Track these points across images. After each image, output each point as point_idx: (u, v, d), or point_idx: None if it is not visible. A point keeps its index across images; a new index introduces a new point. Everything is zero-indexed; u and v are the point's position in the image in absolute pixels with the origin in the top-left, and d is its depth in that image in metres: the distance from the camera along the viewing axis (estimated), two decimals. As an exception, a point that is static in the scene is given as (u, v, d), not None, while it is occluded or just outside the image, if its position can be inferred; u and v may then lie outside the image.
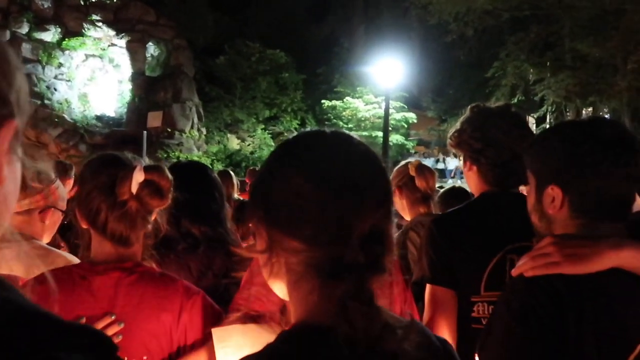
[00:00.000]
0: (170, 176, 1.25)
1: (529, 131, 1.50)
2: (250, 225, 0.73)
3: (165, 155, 11.75)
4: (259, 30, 16.33)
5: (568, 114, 13.67)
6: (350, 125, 16.03)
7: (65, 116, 11.84)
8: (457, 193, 2.84)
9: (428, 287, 1.44)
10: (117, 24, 12.95)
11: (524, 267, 0.98)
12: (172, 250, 1.63)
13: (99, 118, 12.55)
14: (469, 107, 1.57)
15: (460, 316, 1.38)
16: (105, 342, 0.45)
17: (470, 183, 1.57)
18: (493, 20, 13.29)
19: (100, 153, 1.32)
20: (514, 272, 1.01)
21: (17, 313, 0.42)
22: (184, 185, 1.71)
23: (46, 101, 11.71)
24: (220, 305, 1.49)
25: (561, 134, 1.06)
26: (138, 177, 1.19)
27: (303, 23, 17.83)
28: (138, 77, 13.15)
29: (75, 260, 1.52)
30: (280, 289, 0.73)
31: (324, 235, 0.66)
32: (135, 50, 13.16)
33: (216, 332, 1.10)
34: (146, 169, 1.21)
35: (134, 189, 1.19)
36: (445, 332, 1.34)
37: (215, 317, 1.22)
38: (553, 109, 13.18)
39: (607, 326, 0.92)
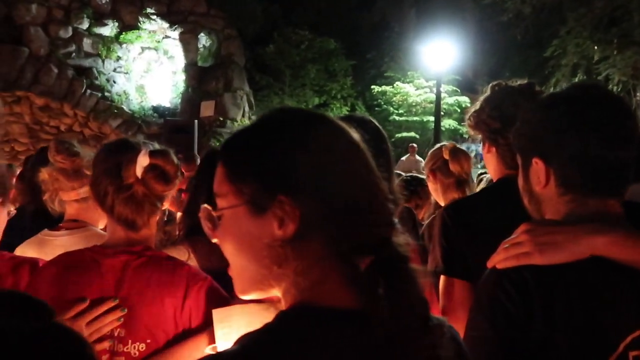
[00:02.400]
0: (176, 161, 1.26)
1: None
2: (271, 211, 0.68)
3: (217, 143, 12.02)
4: (307, 18, 16.29)
5: (638, 94, 12.80)
6: (400, 111, 15.76)
7: (124, 107, 12.34)
8: None
9: (442, 278, 1.38)
10: (170, 16, 13.30)
11: (496, 258, 0.92)
12: (204, 235, 1.65)
13: (155, 109, 12.99)
14: (490, 85, 1.50)
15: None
16: (42, 310, 0.45)
17: (489, 166, 1.48)
18: (553, -4, 12.60)
19: (114, 139, 1.35)
20: (489, 264, 0.94)
21: None
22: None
23: (106, 94, 12.24)
24: None
25: (539, 103, 1.01)
26: (143, 161, 1.20)
27: (353, 9, 17.60)
28: (191, 68, 13.48)
29: None
30: (264, 283, 0.69)
31: (362, 209, 0.64)
32: (187, 42, 13.48)
33: (216, 313, 1.10)
34: (151, 154, 1.23)
35: (139, 172, 1.20)
36: (460, 326, 1.31)
37: (221, 303, 1.22)
38: (619, 89, 12.36)
39: (581, 323, 0.84)
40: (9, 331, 0.42)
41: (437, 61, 12.16)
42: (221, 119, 12.90)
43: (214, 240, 0.74)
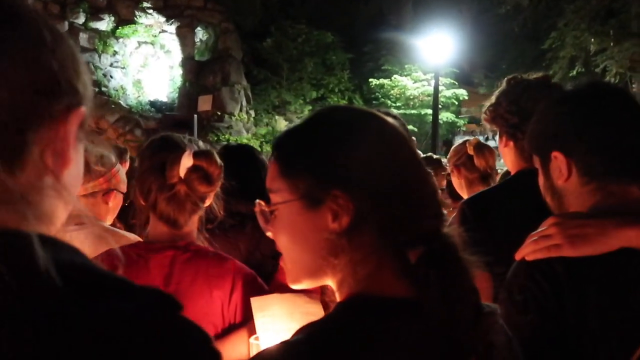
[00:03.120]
0: (219, 162, 1.28)
1: None
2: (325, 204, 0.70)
3: (215, 138, 12.00)
4: (305, 11, 16.23)
5: (634, 85, 12.81)
6: (398, 104, 15.75)
7: (122, 102, 12.31)
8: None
9: None
10: (167, 10, 13.24)
11: (525, 250, 0.93)
12: (220, 229, 1.68)
13: (152, 103, 12.96)
14: (506, 79, 1.52)
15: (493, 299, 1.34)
16: (169, 299, 0.48)
17: (506, 160, 1.51)
18: (550, -12, 12.58)
19: (163, 134, 1.35)
20: (517, 256, 0.95)
21: (84, 274, 0.45)
22: (233, 166, 1.78)
23: (103, 88, 12.20)
24: (268, 284, 1.51)
25: (551, 101, 1.04)
26: (186, 162, 1.22)
27: (350, 2, 17.54)
28: (188, 62, 13.44)
29: (138, 239, 1.59)
30: (320, 273, 0.71)
31: (413, 201, 0.67)
32: (184, 36, 13.43)
33: (255, 302, 1.12)
34: (195, 155, 1.24)
35: (182, 173, 1.22)
36: None
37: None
38: (617, 81, 12.37)
39: (614, 313, 0.85)
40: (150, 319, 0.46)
41: (434, 54, 12.15)
42: (219, 113, 12.88)
43: (268, 234, 0.77)
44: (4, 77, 0.44)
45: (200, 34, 13.66)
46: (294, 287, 0.75)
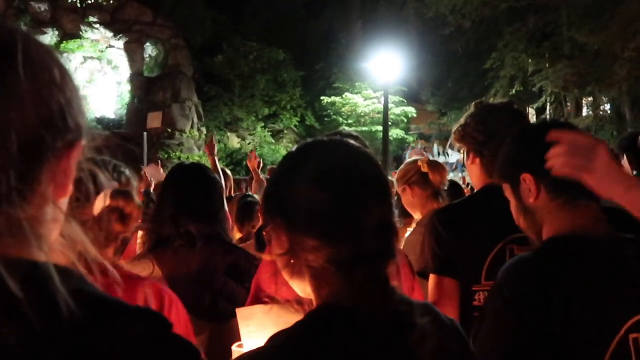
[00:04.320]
0: (137, 202, 1.28)
1: None
2: (265, 231, 0.81)
3: (166, 156, 11.78)
4: (256, 27, 16.32)
5: (567, 104, 13.66)
6: (349, 121, 16.03)
7: (65, 119, 11.88)
8: (454, 186, 2.89)
9: (432, 277, 1.50)
10: (114, 25, 12.97)
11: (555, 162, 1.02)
12: (169, 248, 1.69)
13: (98, 120, 12.57)
14: (473, 103, 1.65)
15: (462, 305, 1.43)
16: (164, 321, 0.52)
17: (472, 176, 1.63)
18: (490, 11, 13.26)
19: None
20: (548, 163, 1.04)
21: (94, 302, 0.48)
22: (184, 185, 1.79)
23: (46, 104, 11.74)
24: (221, 301, 1.52)
25: (518, 131, 1.17)
26: (101, 202, 1.20)
27: (300, 20, 17.80)
28: (136, 78, 13.17)
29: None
30: (300, 287, 0.80)
31: (340, 231, 0.74)
32: (133, 51, 13.18)
33: (240, 312, 1.16)
34: (113, 195, 1.23)
35: (96, 212, 1.20)
36: None
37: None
38: (552, 100, 13.15)
39: (592, 311, 0.94)
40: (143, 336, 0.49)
41: (383, 72, 12.47)
42: (169, 130, 12.66)
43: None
44: (17, 115, 0.46)
45: (150, 50, 13.44)
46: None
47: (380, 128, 13.97)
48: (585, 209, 1.04)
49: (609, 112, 14.09)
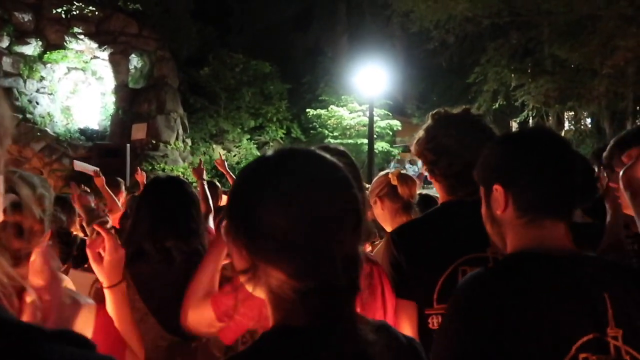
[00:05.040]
0: (38, 215, 1.20)
1: (487, 136, 1.49)
2: (227, 241, 0.77)
3: (150, 168, 11.67)
4: (242, 40, 16.39)
5: (549, 118, 13.90)
6: (335, 134, 16.09)
7: (48, 130, 11.72)
8: (425, 200, 2.85)
9: (395, 301, 1.43)
10: (99, 37, 12.89)
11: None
12: (147, 263, 1.67)
13: (82, 131, 12.44)
14: (430, 114, 1.59)
15: (419, 327, 1.38)
16: (82, 339, 0.51)
17: (438, 191, 1.59)
18: (473, 27, 13.49)
19: None
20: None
21: (8, 328, 0.46)
22: (162, 200, 1.76)
23: (28, 115, 11.58)
24: None
25: (499, 139, 1.16)
26: None
27: (287, 33, 17.93)
28: (121, 89, 13.08)
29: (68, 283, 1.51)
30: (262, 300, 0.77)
31: (307, 265, 0.70)
32: (118, 62, 13.10)
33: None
34: (8, 209, 1.16)
35: None
36: None
37: None
38: (534, 114, 13.37)
39: (544, 329, 0.93)
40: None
41: (369, 86, 12.57)
42: (154, 141, 12.57)
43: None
44: None
45: (135, 61, 13.38)
46: None
47: (365, 141, 14.04)
48: (552, 228, 1.03)
49: (589, 126, 14.38)
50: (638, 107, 13.14)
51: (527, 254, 1.02)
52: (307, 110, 16.38)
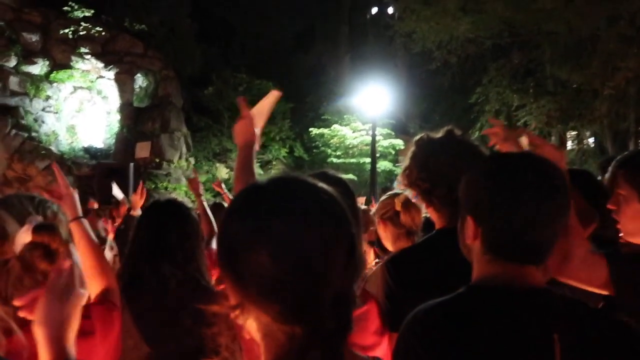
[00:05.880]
0: (65, 237, 1.21)
1: (476, 153, 1.46)
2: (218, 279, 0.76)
3: (153, 186, 11.72)
4: (246, 60, 16.57)
5: (552, 138, 13.92)
6: (338, 153, 16.15)
7: (52, 148, 11.81)
8: (430, 224, 2.82)
9: (389, 335, 1.39)
10: (105, 56, 13.07)
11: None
12: (143, 288, 1.65)
13: (86, 150, 12.52)
14: (414, 140, 1.55)
15: None
16: None
17: (432, 217, 1.54)
18: (475, 48, 13.61)
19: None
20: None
21: None
22: (159, 224, 1.73)
23: (33, 134, 11.69)
24: (188, 344, 1.47)
25: (482, 168, 1.08)
26: (23, 237, 1.15)
27: (290, 53, 18.14)
28: (126, 108, 13.21)
29: None
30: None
31: (296, 311, 0.67)
32: (123, 82, 13.26)
33: None
34: (36, 230, 1.17)
35: (18, 249, 1.14)
36: None
37: None
38: (537, 134, 13.39)
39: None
40: None
41: (372, 105, 12.66)
42: (157, 160, 12.64)
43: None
44: None
45: (140, 81, 13.54)
46: None
47: (368, 160, 14.08)
48: (512, 273, 0.99)
49: (592, 145, 14.38)
50: (640, 128, 13.16)
51: (485, 288, 1.00)
52: (310, 129, 16.47)
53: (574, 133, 14.46)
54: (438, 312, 0.98)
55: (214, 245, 2.79)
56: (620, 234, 1.61)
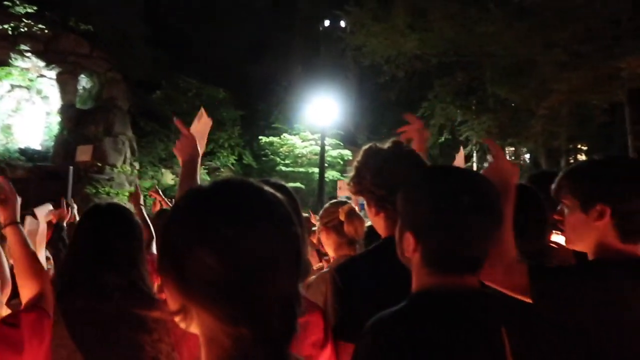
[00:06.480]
0: None
1: (419, 165, 1.51)
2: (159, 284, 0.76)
3: (94, 191, 11.31)
4: (198, 67, 16.34)
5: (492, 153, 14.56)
6: (287, 161, 16.20)
7: (-15, 149, 11.18)
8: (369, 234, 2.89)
9: (337, 343, 1.39)
10: (48, 55, 12.53)
11: None
12: (80, 297, 1.57)
13: (22, 151, 11.92)
14: (363, 149, 1.57)
15: None
16: None
17: (377, 227, 1.54)
18: (422, 64, 14.11)
19: None
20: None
21: None
22: (100, 229, 1.67)
23: (-36, 133, 11.03)
24: (129, 356, 1.45)
25: (414, 184, 1.13)
26: None
27: (242, 62, 18.04)
28: (68, 110, 12.70)
29: None
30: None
31: (242, 313, 0.66)
32: (66, 82, 12.75)
33: None
34: None
35: None
36: None
37: None
38: (477, 149, 14.03)
39: None
40: None
41: (321, 115, 12.81)
42: (99, 164, 12.20)
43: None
44: None
45: (84, 82, 13.08)
46: None
47: (317, 170, 14.20)
48: (452, 283, 1.05)
49: (528, 161, 15.21)
50: (571, 146, 14.05)
51: (430, 294, 1.06)
52: (260, 137, 16.43)
53: (511, 149, 15.25)
54: (396, 320, 1.01)
55: (154, 249, 2.72)
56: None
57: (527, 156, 15.35)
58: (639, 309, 1.18)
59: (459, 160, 2.59)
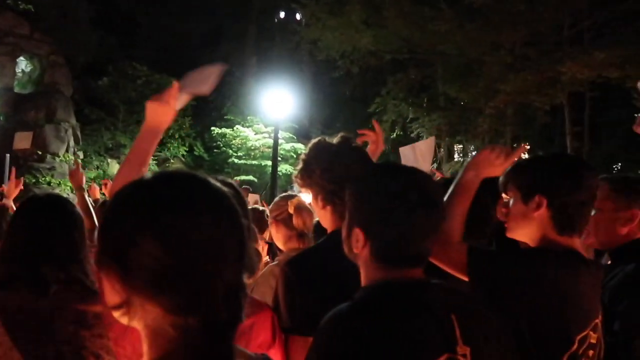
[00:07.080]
0: None
1: (368, 164, 1.55)
2: (97, 274, 0.73)
3: (33, 180, 10.76)
4: (147, 53, 15.82)
5: (441, 150, 15.01)
6: (240, 154, 16.00)
7: None
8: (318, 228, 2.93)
9: (287, 337, 1.40)
10: (-18, 35, 11.78)
11: None
12: (17, 292, 1.50)
13: (-48, 136, 11.18)
14: (312, 143, 1.59)
15: None
16: None
17: (324, 221, 1.57)
18: (376, 61, 14.32)
19: None
20: None
21: None
22: (38, 220, 1.59)
23: None
24: (67, 354, 1.39)
25: (368, 184, 1.16)
26: None
27: (194, 50, 17.63)
28: (5, 94, 11.98)
29: None
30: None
31: (187, 301, 0.66)
32: (3, 65, 12.02)
33: None
34: None
35: None
36: None
37: None
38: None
39: (401, 350, 1.00)
40: None
41: (275, 108, 12.69)
42: (40, 152, 11.60)
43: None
44: None
45: (23, 65, 12.38)
46: None
47: (269, 163, 14.11)
48: (401, 276, 1.09)
49: (475, 159, 15.75)
50: (515, 145, 14.66)
51: (381, 287, 1.09)
52: (212, 128, 16.14)
53: (460, 146, 15.73)
54: (353, 313, 1.03)
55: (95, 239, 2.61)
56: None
57: (474, 153, 15.88)
58: (565, 297, 1.26)
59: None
